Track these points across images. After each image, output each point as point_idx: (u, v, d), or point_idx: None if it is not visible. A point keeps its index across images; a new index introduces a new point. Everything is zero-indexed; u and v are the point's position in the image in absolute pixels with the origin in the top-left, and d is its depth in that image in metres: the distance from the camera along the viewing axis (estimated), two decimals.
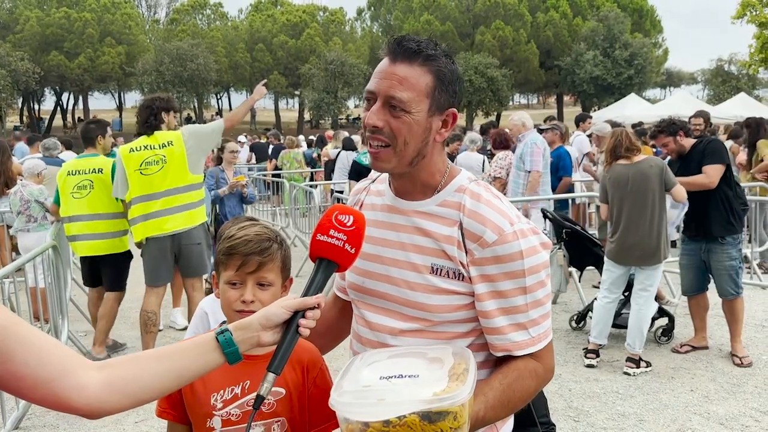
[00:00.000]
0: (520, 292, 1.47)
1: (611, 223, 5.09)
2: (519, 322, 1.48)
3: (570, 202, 8.00)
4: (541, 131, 7.96)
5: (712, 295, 5.38)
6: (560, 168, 7.67)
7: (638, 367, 4.96)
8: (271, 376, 1.27)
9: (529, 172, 6.86)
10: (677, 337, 5.67)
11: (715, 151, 4.99)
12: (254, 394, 1.32)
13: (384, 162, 1.50)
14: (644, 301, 4.96)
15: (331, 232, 1.37)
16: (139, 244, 5.11)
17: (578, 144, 9.25)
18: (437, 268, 1.51)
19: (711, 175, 4.95)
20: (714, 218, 5.02)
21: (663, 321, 5.68)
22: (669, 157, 5.40)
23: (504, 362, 1.51)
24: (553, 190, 7.50)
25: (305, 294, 1.34)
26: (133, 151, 4.96)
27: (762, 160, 7.91)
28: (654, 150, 8.03)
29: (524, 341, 1.49)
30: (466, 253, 1.48)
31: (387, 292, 1.58)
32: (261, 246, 1.64)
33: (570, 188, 8.03)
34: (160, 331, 6.05)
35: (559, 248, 5.85)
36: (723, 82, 44.83)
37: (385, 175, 1.72)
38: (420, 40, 1.49)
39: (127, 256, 5.51)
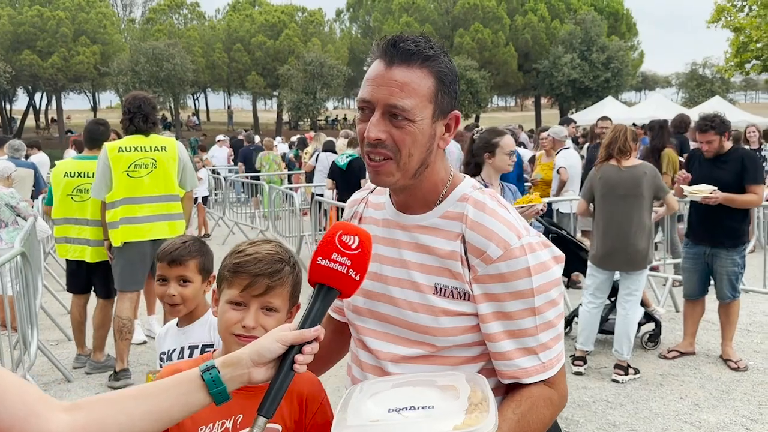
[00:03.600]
0: (529, 314, 1.34)
1: (594, 225, 5.03)
2: (528, 346, 1.36)
3: None
4: None
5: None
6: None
7: (626, 374, 4.90)
8: (261, 420, 1.13)
9: None
10: (663, 343, 5.62)
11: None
12: (247, 430, 1.18)
13: (386, 176, 1.37)
14: (630, 306, 4.89)
15: (334, 255, 1.23)
16: (109, 248, 4.93)
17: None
18: (441, 288, 1.38)
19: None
20: (728, 228, 4.99)
21: (650, 326, 5.62)
22: (692, 153, 5.35)
23: (515, 389, 1.39)
24: None
25: (302, 325, 1.20)
26: (122, 150, 4.76)
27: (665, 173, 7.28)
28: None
29: (533, 368, 1.36)
30: (469, 269, 1.36)
31: (388, 315, 1.45)
32: (272, 267, 1.50)
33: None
34: (144, 343, 5.87)
35: None
36: (698, 86, 45.43)
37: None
38: (416, 39, 1.36)
39: None
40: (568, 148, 7.92)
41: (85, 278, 5.24)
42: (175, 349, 2.23)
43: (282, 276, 1.51)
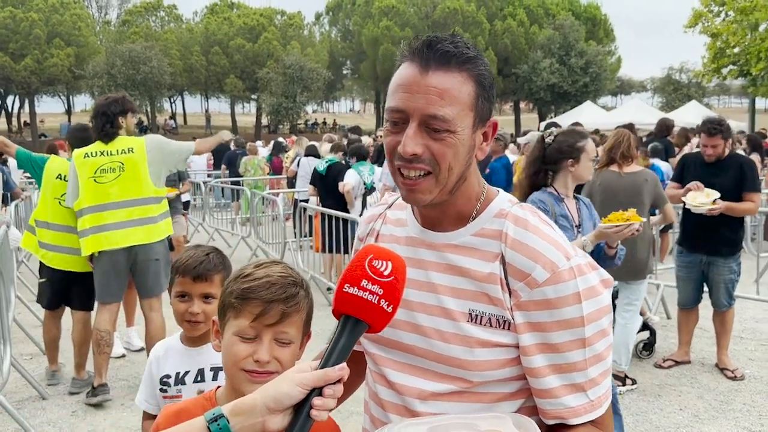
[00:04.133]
0: (578, 346, 1.19)
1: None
2: (576, 382, 1.20)
3: None
4: None
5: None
6: (492, 183, 7.53)
7: (624, 384, 4.79)
8: None
9: None
10: (657, 351, 5.54)
11: (756, 176, 4.92)
12: None
13: (424, 194, 1.22)
14: (630, 315, 4.78)
15: (364, 283, 1.06)
16: (90, 258, 4.69)
17: None
18: (477, 315, 1.22)
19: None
20: (725, 236, 4.91)
21: (644, 335, 5.53)
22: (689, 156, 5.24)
23: (559, 430, 1.23)
24: None
25: (325, 363, 1.03)
26: (88, 156, 4.54)
27: None
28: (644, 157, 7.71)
29: (581, 406, 1.20)
30: (510, 294, 1.20)
31: (414, 345, 1.28)
32: (287, 292, 1.33)
33: None
34: (123, 357, 5.63)
35: None
36: (675, 90, 46.00)
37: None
38: (454, 39, 1.21)
39: None
40: None
41: (63, 290, 4.97)
42: (188, 371, 1.99)
43: (298, 301, 1.34)
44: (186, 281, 2.00)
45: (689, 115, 21.92)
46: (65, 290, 4.97)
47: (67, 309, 5.05)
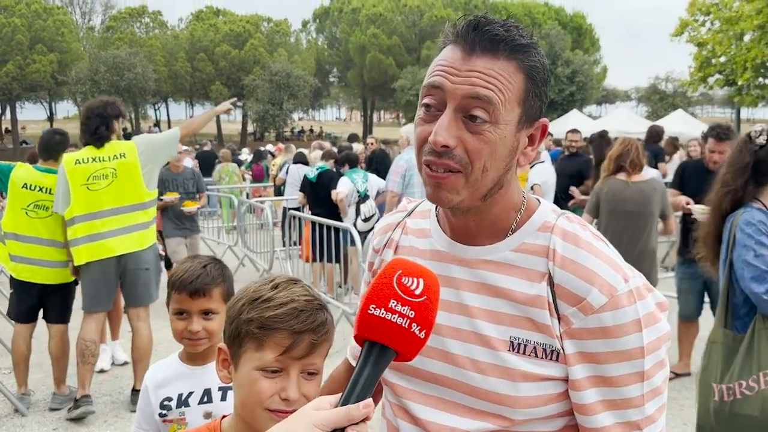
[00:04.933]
0: (636, 379, 1.04)
1: None
2: (631, 420, 1.05)
3: None
4: None
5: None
6: None
7: None
8: None
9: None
10: None
11: None
12: None
13: (450, 192, 1.05)
14: None
15: (392, 303, 0.90)
16: (76, 267, 4.52)
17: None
18: (519, 344, 1.06)
19: None
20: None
21: None
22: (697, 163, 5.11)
23: None
24: None
25: (347, 398, 0.86)
26: (80, 162, 4.40)
27: None
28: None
29: None
30: (559, 320, 1.05)
31: (444, 376, 1.12)
32: (317, 320, 1.17)
33: None
34: (106, 371, 5.42)
35: None
36: (660, 99, 46.38)
37: (427, 208, 1.26)
38: (505, 23, 1.05)
39: (75, 283, 4.84)
40: (543, 161, 7.69)
41: (35, 303, 4.75)
42: (192, 392, 1.81)
43: (327, 328, 1.19)
44: (183, 298, 1.83)
45: (675, 124, 22.00)
46: (38, 303, 4.75)
47: (41, 323, 4.82)
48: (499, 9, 47.73)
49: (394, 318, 0.89)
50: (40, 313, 4.81)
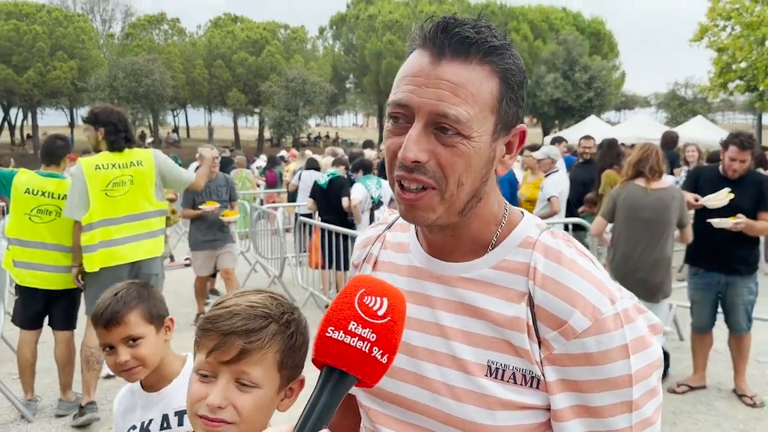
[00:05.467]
0: (623, 410, 0.96)
1: (611, 248, 4.69)
2: None
3: None
4: None
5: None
6: None
7: None
8: None
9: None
10: (671, 376, 5.29)
11: None
12: None
13: (425, 212, 0.99)
14: None
15: (352, 326, 0.84)
16: (80, 273, 4.51)
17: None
18: (497, 369, 0.99)
19: None
20: (742, 255, 4.65)
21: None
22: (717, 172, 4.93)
23: None
24: None
25: (302, 427, 0.80)
26: (99, 168, 4.40)
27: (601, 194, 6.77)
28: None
29: None
30: (539, 344, 0.97)
31: (418, 402, 1.05)
32: (248, 324, 1.11)
33: None
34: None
35: None
36: (680, 105, 45.84)
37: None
38: (476, 24, 0.98)
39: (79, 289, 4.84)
40: (558, 170, 7.58)
41: (41, 309, 4.73)
42: (152, 419, 1.75)
43: (262, 336, 1.11)
44: (101, 332, 1.76)
45: (695, 130, 21.71)
46: (43, 310, 4.74)
47: (47, 329, 4.81)
48: (515, 14, 47.59)
49: (353, 342, 0.83)
50: (46, 319, 4.81)
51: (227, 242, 6.88)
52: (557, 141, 10.49)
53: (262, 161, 19.04)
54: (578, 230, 7.11)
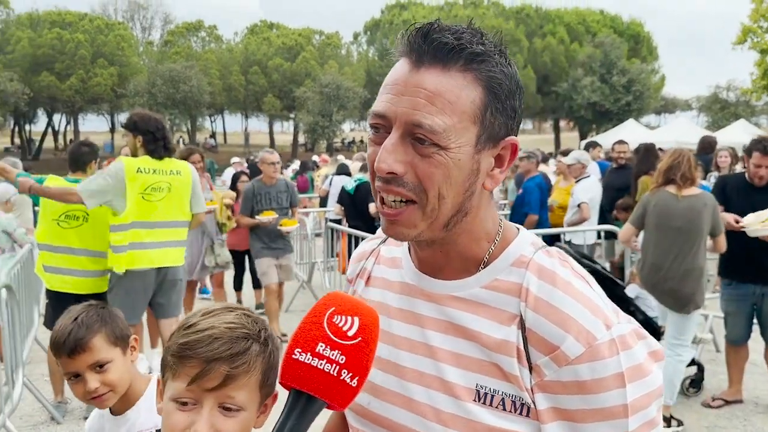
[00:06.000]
0: None
1: (641, 256, 4.56)
2: None
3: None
4: (518, 159, 7.59)
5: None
6: (525, 203, 7.17)
7: (669, 425, 4.39)
8: None
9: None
10: (705, 388, 5.12)
11: None
12: None
13: (406, 227, 0.95)
14: (681, 351, 4.40)
15: (320, 347, 0.81)
16: (111, 277, 4.55)
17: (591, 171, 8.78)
18: (486, 394, 0.94)
19: None
20: None
21: (691, 370, 5.11)
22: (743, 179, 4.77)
23: None
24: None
25: None
26: (141, 171, 4.46)
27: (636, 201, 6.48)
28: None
29: None
30: (530, 370, 0.92)
31: (405, 426, 1.00)
32: (232, 348, 1.06)
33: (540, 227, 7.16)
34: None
35: None
36: (722, 109, 44.74)
37: None
38: (458, 29, 0.93)
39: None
40: (589, 176, 7.42)
41: None
42: None
43: (247, 359, 1.07)
44: (65, 360, 1.69)
45: (737, 134, 21.14)
46: None
47: None
48: (552, 17, 47.11)
49: (321, 364, 0.80)
50: None
51: (287, 251, 6.54)
52: (591, 146, 10.32)
53: (296, 165, 19.18)
54: (610, 237, 6.96)
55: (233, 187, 7.74)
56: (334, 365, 0.80)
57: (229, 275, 7.44)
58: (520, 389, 0.92)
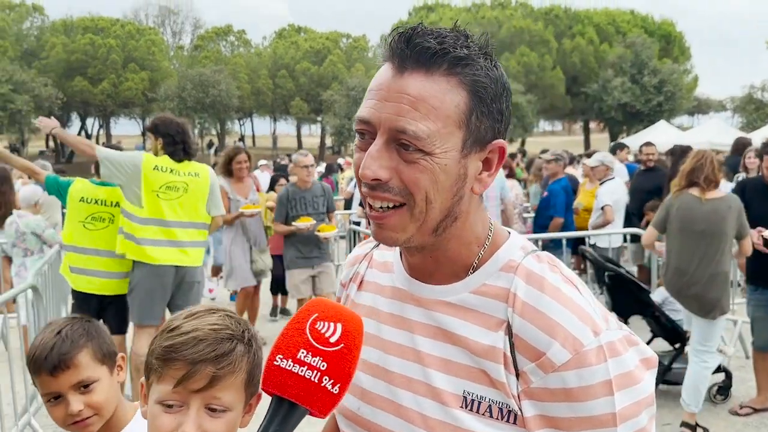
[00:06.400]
0: None
1: (665, 260, 4.48)
2: None
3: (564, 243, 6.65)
4: (546, 161, 7.51)
5: None
6: (551, 206, 7.07)
7: None
8: None
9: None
10: (733, 395, 4.99)
11: None
12: None
13: (394, 231, 0.94)
14: (707, 357, 4.30)
15: (301, 354, 0.81)
16: (131, 278, 4.63)
17: (617, 173, 8.66)
18: (473, 401, 0.93)
19: None
20: None
21: (719, 377, 4.99)
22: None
23: None
24: (545, 229, 6.89)
25: None
26: (157, 169, 4.53)
27: None
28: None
29: None
30: (517, 376, 0.91)
31: (392, 431, 1.00)
32: (217, 349, 1.07)
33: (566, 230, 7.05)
34: None
35: (601, 293, 5.21)
36: (756, 110, 43.74)
37: None
38: (441, 33, 0.92)
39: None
40: (613, 178, 7.31)
41: (94, 315, 4.88)
42: None
43: (232, 360, 1.07)
44: (45, 379, 1.49)
45: None
46: (97, 316, 4.88)
47: None
48: (581, 18, 46.61)
49: (302, 371, 0.80)
50: None
51: (324, 260, 6.14)
52: (619, 147, 10.18)
53: (322, 168, 19.28)
54: (636, 241, 6.85)
55: (271, 190, 7.73)
56: (315, 372, 0.80)
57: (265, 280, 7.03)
58: (507, 396, 0.91)
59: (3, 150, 4.70)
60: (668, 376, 4.82)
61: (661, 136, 22.50)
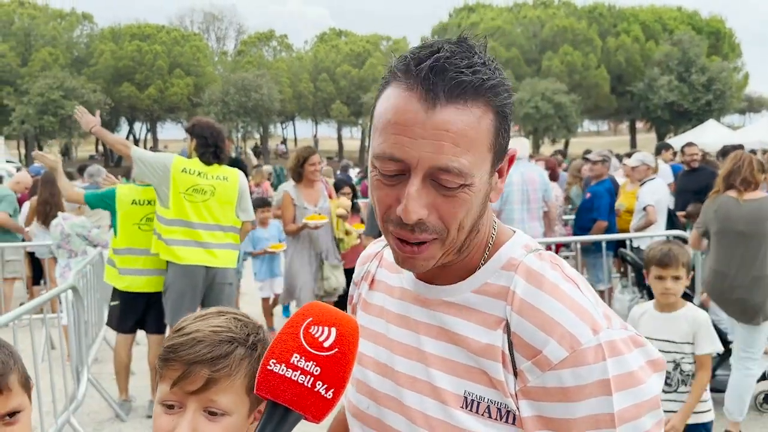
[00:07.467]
0: None
1: (707, 264, 4.33)
2: None
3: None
4: (592, 162, 7.33)
5: None
6: (594, 208, 6.88)
7: None
8: None
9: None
10: None
11: None
12: None
13: (426, 261, 0.93)
14: (751, 364, 4.14)
15: (294, 358, 0.80)
16: (165, 280, 4.70)
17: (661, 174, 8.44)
18: (473, 401, 0.92)
19: None
20: None
21: (765, 385, 4.81)
22: None
23: None
24: (585, 231, 6.69)
25: None
26: (186, 171, 4.60)
27: None
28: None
29: None
30: (515, 375, 0.89)
31: (397, 430, 1.00)
32: (214, 351, 1.05)
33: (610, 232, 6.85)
34: None
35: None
36: None
37: None
38: (471, 61, 0.88)
39: None
40: (654, 178, 7.11)
41: (140, 316, 4.97)
42: None
43: (229, 363, 1.05)
44: None
45: None
46: (142, 316, 4.97)
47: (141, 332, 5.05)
48: (626, 15, 45.68)
49: (295, 376, 0.79)
50: None
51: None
52: (663, 148, 9.94)
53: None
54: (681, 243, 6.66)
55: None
56: (309, 376, 0.79)
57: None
58: (505, 395, 0.89)
59: (100, 129, 4.76)
60: (712, 384, 4.65)
61: (711, 135, 21.89)
